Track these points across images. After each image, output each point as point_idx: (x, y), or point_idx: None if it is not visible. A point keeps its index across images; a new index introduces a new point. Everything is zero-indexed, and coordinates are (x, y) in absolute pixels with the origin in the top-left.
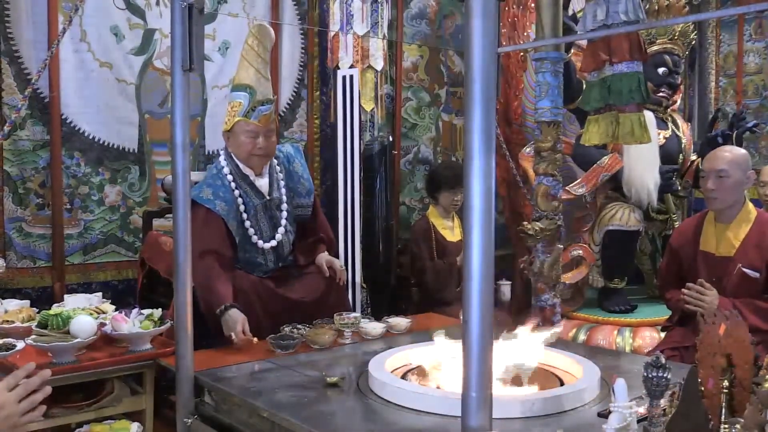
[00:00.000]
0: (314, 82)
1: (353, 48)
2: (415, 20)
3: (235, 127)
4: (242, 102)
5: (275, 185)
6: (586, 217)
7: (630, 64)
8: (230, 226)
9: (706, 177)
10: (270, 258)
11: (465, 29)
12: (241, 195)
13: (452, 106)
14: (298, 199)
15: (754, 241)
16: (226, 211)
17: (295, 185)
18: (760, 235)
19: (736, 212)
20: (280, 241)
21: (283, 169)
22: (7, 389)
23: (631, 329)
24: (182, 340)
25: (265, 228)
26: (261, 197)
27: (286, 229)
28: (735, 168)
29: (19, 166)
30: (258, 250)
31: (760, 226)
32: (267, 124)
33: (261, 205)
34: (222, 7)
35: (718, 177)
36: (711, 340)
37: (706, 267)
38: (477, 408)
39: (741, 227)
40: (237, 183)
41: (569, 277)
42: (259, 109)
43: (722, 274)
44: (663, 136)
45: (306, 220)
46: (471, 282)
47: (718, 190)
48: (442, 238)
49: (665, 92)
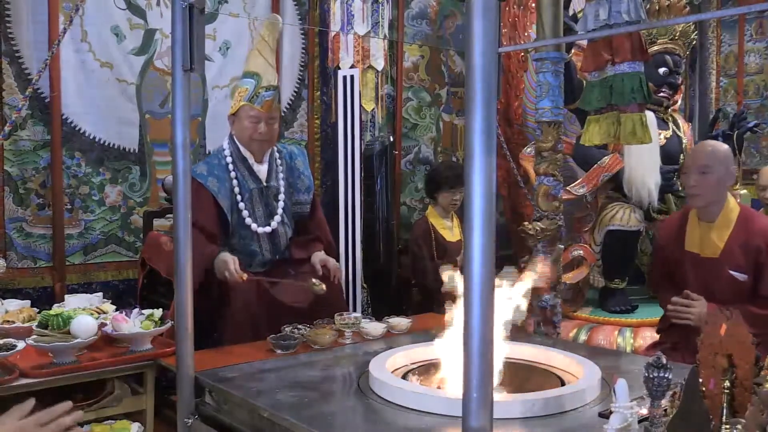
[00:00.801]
0: (315, 82)
1: (354, 48)
2: (415, 20)
3: (240, 112)
4: (248, 88)
5: (274, 174)
6: (587, 217)
7: (632, 64)
8: (221, 203)
9: (688, 173)
10: (265, 246)
11: (466, 29)
12: (237, 177)
13: (453, 106)
14: (297, 195)
15: (739, 242)
16: (217, 188)
17: (295, 181)
18: (745, 235)
19: (719, 210)
20: (275, 230)
21: (284, 163)
22: (40, 424)
23: (632, 329)
24: (183, 340)
25: (260, 214)
26: (258, 182)
27: (283, 219)
28: (717, 164)
29: (19, 166)
30: (252, 235)
31: (744, 224)
32: (269, 110)
33: (257, 189)
34: (223, 7)
35: (700, 173)
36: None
37: (692, 268)
38: (478, 408)
39: (725, 227)
40: (235, 165)
41: (570, 277)
42: (262, 95)
43: (709, 276)
44: (664, 136)
45: (304, 217)
46: (471, 282)
47: (700, 187)
48: (441, 238)
49: (666, 92)
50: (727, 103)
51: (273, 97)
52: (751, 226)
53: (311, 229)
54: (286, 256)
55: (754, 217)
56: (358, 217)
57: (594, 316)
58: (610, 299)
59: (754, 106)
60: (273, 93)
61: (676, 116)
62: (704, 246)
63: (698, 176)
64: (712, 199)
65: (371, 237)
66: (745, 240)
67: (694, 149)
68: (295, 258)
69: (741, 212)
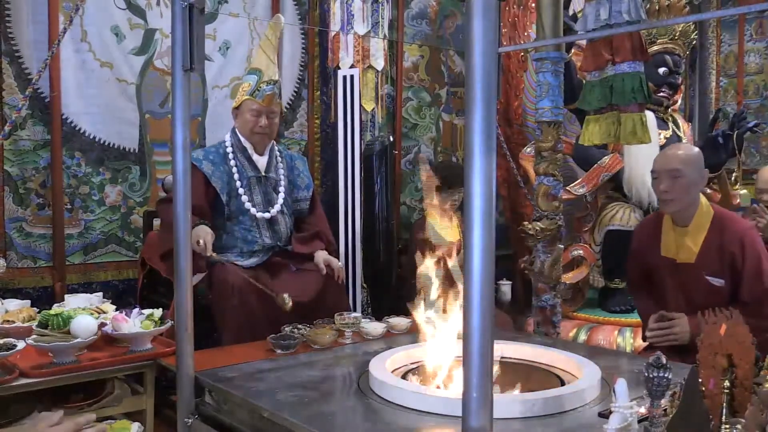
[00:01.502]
0: (315, 82)
1: (354, 48)
2: (415, 20)
3: (242, 105)
4: (251, 83)
5: (273, 167)
6: (587, 217)
7: (632, 64)
8: (214, 183)
9: (659, 178)
10: (265, 233)
11: (465, 29)
12: (237, 165)
13: (453, 106)
14: (297, 192)
15: (714, 246)
16: (212, 171)
17: (295, 178)
18: (720, 239)
19: (693, 214)
20: (274, 217)
21: (284, 161)
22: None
23: (632, 329)
24: (183, 339)
25: (259, 201)
26: (256, 171)
27: (283, 209)
28: (688, 167)
29: (19, 166)
30: (252, 219)
31: (719, 228)
32: (270, 104)
33: (255, 178)
34: (223, 7)
35: (671, 177)
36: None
37: (669, 274)
38: (478, 408)
39: (699, 231)
40: (235, 154)
41: (570, 277)
42: (263, 89)
43: (686, 281)
44: (664, 136)
45: (304, 214)
46: (471, 282)
47: (672, 191)
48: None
49: (666, 92)
50: (727, 103)
51: (273, 92)
52: (725, 230)
53: (311, 224)
54: (288, 247)
55: (728, 220)
56: (358, 216)
57: (594, 316)
58: (609, 299)
59: (754, 106)
60: (273, 87)
61: (676, 116)
62: (680, 251)
63: (670, 181)
64: (685, 204)
65: (371, 237)
66: (720, 244)
67: (663, 153)
68: (296, 252)
69: (715, 215)
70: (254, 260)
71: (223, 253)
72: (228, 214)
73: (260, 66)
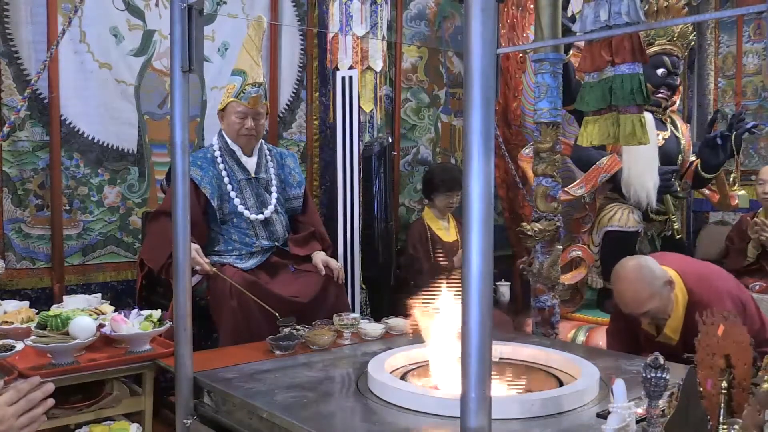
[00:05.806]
0: (313, 83)
1: (352, 49)
2: (414, 21)
3: (228, 107)
4: (235, 85)
5: (263, 167)
6: (585, 218)
7: (631, 65)
8: (203, 190)
9: (635, 313)
10: (261, 234)
11: (464, 30)
12: (226, 169)
13: (451, 107)
14: (289, 190)
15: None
16: (200, 177)
17: (286, 176)
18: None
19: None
20: (269, 218)
21: (274, 160)
22: (8, 404)
23: None
24: (181, 340)
25: (252, 203)
26: (246, 173)
27: (276, 209)
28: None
29: (18, 167)
30: (247, 222)
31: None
32: (255, 105)
33: (245, 180)
34: (221, 8)
35: (644, 316)
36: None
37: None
38: (476, 409)
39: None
40: (223, 158)
41: (568, 277)
42: (248, 91)
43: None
44: (662, 137)
45: (297, 212)
46: (470, 283)
47: (644, 316)
48: (438, 238)
49: (664, 93)
50: (726, 104)
51: (258, 94)
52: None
53: (305, 223)
54: (286, 247)
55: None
56: (357, 218)
57: (592, 317)
58: (608, 300)
59: (752, 107)
60: (258, 89)
61: (674, 117)
62: (661, 337)
63: (646, 318)
64: (656, 314)
65: (370, 238)
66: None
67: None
68: (294, 254)
69: (689, 300)
70: (253, 262)
71: (222, 256)
72: (222, 218)
73: (244, 67)
